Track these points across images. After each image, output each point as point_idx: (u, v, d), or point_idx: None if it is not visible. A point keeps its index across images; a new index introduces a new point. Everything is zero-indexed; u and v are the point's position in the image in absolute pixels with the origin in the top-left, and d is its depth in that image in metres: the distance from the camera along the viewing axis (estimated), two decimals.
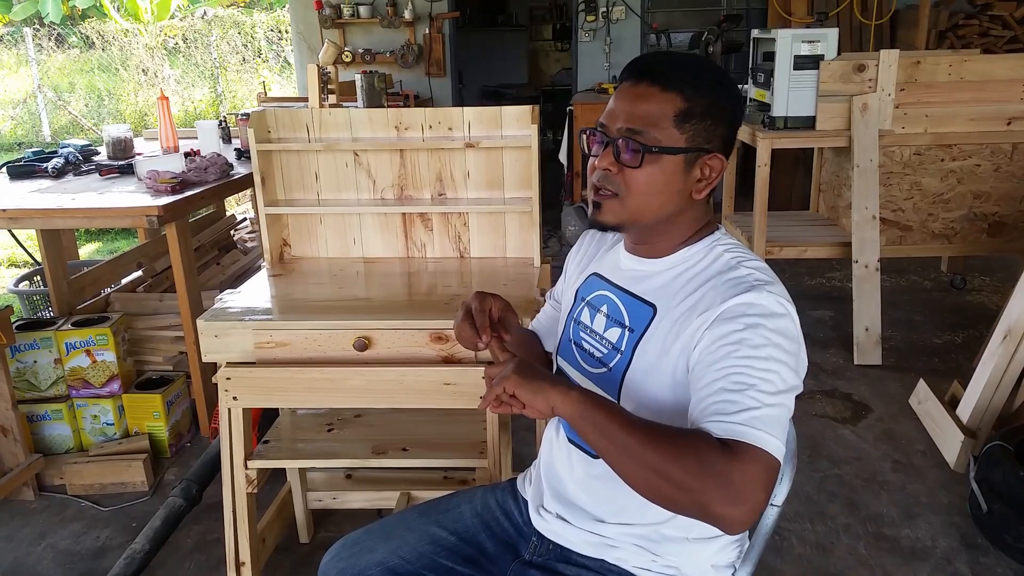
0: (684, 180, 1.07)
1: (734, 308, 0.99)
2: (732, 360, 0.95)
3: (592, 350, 1.16)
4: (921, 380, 2.84)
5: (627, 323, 1.11)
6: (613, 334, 1.13)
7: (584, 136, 1.12)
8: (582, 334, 1.18)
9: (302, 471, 2.14)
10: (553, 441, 1.25)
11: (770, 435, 0.90)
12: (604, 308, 1.16)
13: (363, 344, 1.65)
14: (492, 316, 1.15)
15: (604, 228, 1.11)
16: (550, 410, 0.95)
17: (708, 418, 0.93)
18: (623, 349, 1.10)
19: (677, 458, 0.88)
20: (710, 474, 0.86)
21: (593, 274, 1.22)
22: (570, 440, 1.20)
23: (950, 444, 2.51)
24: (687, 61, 1.07)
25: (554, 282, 1.43)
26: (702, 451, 0.88)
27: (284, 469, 2.14)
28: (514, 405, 0.98)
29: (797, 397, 0.98)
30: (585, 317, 1.19)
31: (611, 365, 1.11)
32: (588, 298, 1.20)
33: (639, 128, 1.04)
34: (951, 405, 2.64)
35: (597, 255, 1.25)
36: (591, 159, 1.11)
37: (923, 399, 2.79)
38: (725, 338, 0.97)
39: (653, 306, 1.09)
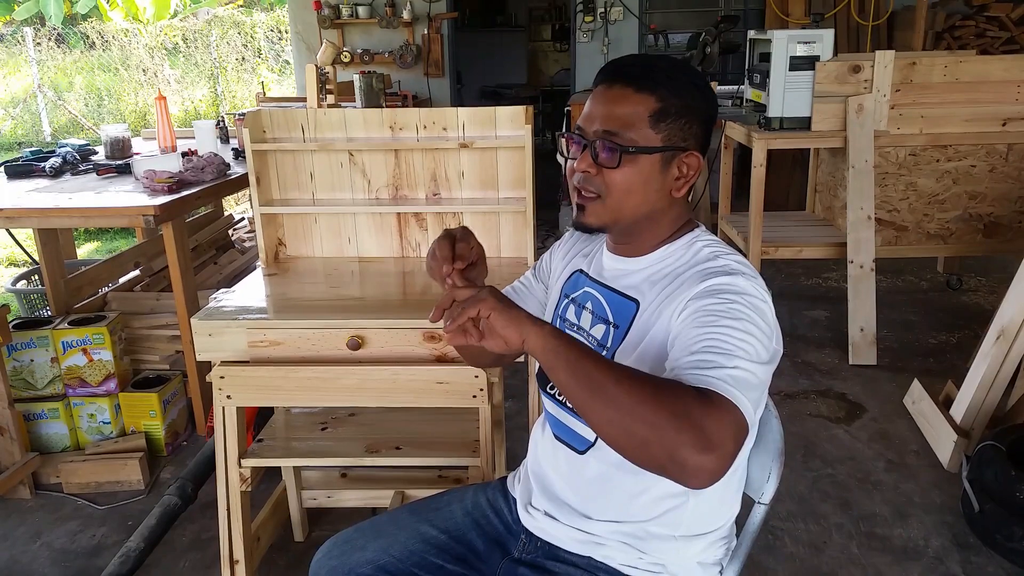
0: (662, 179, 1.09)
1: (712, 287, 1.01)
2: (711, 329, 0.95)
3: None
4: (915, 380, 2.84)
5: (611, 319, 1.13)
6: (598, 330, 1.14)
7: (562, 140, 1.14)
8: (568, 331, 1.19)
9: (296, 470, 2.14)
10: (539, 439, 1.26)
11: (744, 395, 0.89)
12: (589, 305, 1.18)
13: (356, 343, 1.66)
14: (465, 254, 1.09)
15: (588, 230, 1.13)
16: (520, 342, 0.92)
17: (684, 371, 0.92)
18: (608, 345, 1.12)
19: (652, 398, 0.85)
20: (685, 416, 0.83)
21: (578, 271, 1.24)
22: (556, 437, 1.21)
23: (943, 444, 2.52)
24: (660, 63, 1.09)
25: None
26: (678, 394, 0.86)
27: (279, 468, 2.14)
28: (474, 335, 0.94)
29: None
30: (571, 314, 1.20)
31: None
32: (573, 295, 1.22)
33: (615, 129, 1.06)
34: (945, 405, 2.64)
35: (584, 249, 1.26)
36: (569, 161, 1.12)
37: (917, 399, 2.79)
38: (703, 310, 0.98)
39: (636, 301, 1.11)
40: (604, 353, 1.11)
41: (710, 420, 0.84)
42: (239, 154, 3.25)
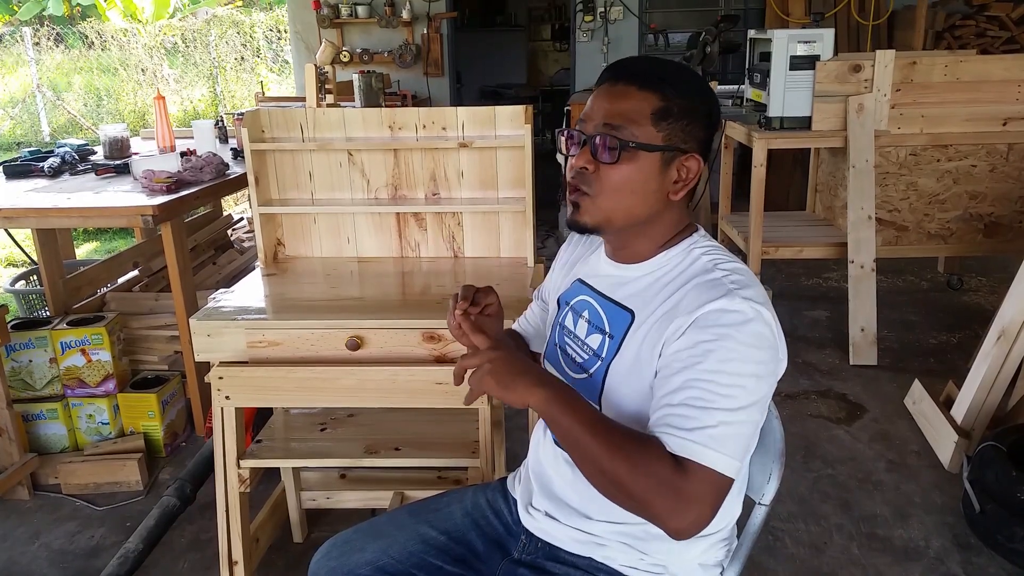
0: (660, 180, 1.07)
1: (707, 316, 0.99)
2: (697, 372, 0.96)
3: (575, 355, 1.16)
4: (916, 380, 2.84)
5: (607, 329, 1.11)
6: (594, 340, 1.13)
7: (561, 137, 1.12)
8: (566, 339, 1.19)
9: (296, 470, 2.14)
10: (541, 441, 1.25)
11: (722, 454, 0.94)
12: (586, 314, 1.16)
13: (355, 343, 1.66)
14: (477, 303, 1.18)
15: (582, 230, 1.11)
16: (524, 406, 1.00)
17: (665, 429, 0.96)
18: (603, 355, 1.10)
19: (631, 472, 0.94)
20: (659, 491, 0.93)
21: (577, 279, 1.23)
22: (555, 443, 1.20)
23: (944, 444, 2.52)
24: (664, 63, 1.09)
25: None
26: (655, 467, 0.93)
27: (278, 469, 2.14)
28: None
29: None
30: (569, 322, 1.19)
31: (591, 371, 1.12)
32: (571, 303, 1.21)
33: (616, 123, 1.04)
34: (946, 406, 2.64)
35: (583, 257, 1.25)
36: (569, 159, 1.11)
37: (918, 399, 2.79)
38: (694, 348, 0.98)
39: (632, 312, 1.09)
40: (599, 364, 1.11)
41: (685, 491, 0.93)
42: (238, 154, 3.24)
